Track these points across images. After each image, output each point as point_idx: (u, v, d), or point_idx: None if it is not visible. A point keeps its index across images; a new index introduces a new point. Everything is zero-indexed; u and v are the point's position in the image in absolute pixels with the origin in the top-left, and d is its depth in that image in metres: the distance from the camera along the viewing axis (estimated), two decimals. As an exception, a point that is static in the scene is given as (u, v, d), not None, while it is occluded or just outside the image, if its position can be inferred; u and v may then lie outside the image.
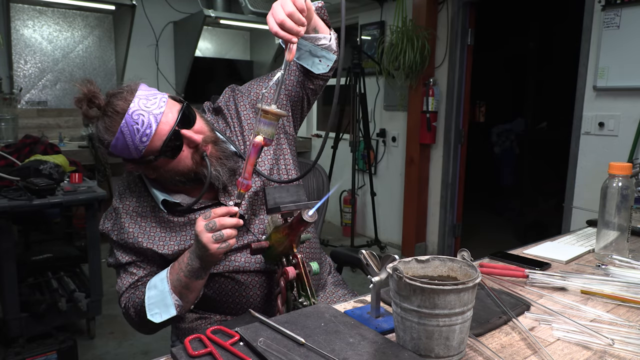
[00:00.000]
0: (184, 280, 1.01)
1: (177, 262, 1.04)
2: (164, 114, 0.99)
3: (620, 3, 2.48)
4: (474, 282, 0.66)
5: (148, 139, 0.98)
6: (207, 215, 0.94)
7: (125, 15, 4.08)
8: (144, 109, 0.98)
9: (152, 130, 0.98)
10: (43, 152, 2.61)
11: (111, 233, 1.11)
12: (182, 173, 1.05)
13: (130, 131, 0.97)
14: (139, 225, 1.09)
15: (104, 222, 1.14)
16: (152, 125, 0.98)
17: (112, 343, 2.47)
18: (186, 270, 1.00)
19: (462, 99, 3.62)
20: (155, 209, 1.10)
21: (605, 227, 1.15)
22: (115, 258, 1.12)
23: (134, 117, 0.97)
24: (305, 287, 0.95)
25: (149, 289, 1.06)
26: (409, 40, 3.43)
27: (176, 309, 1.03)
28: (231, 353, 0.68)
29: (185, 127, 1.02)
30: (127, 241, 1.08)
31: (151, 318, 1.03)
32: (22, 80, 4.06)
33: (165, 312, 1.03)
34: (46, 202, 2.12)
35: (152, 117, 0.98)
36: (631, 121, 2.52)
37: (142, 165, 1.04)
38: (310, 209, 0.89)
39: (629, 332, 0.78)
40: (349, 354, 0.66)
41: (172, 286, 1.03)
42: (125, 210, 1.11)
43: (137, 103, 0.98)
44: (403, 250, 3.94)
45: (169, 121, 1.00)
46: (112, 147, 1.00)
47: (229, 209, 0.95)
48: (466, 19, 3.50)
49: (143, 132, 0.97)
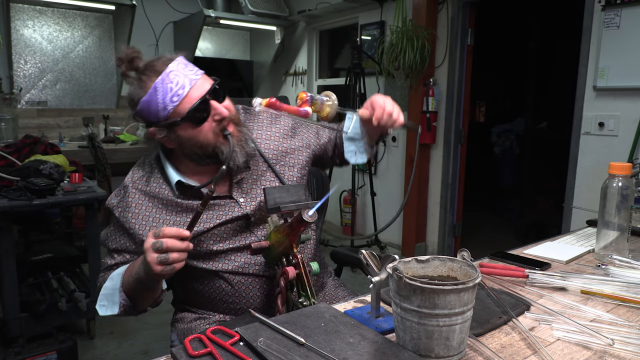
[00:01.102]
0: (132, 285, 1.00)
1: (133, 264, 1.02)
2: (198, 82, 1.03)
3: (620, 3, 2.48)
4: (474, 282, 0.66)
5: (179, 100, 1.01)
6: (157, 233, 0.89)
7: (125, 15, 4.08)
8: (181, 72, 1.02)
9: (184, 91, 1.01)
10: (43, 152, 2.61)
11: (115, 209, 1.12)
12: (201, 145, 1.06)
13: (164, 89, 1.00)
14: (146, 206, 1.10)
15: (111, 198, 1.15)
16: (186, 87, 1.01)
17: (112, 343, 2.47)
18: (135, 277, 0.98)
19: (462, 99, 3.62)
20: (166, 192, 1.10)
21: (605, 227, 1.15)
22: (107, 236, 1.14)
23: (170, 77, 1.01)
24: (305, 287, 0.95)
25: (109, 279, 1.07)
26: (409, 40, 3.43)
27: (120, 308, 1.04)
28: (231, 353, 0.68)
29: (215, 99, 1.05)
30: (129, 220, 1.08)
31: (98, 308, 1.06)
32: (22, 80, 4.07)
33: (109, 308, 1.05)
34: (46, 202, 2.12)
35: (186, 80, 1.02)
36: (631, 121, 2.52)
37: (164, 129, 1.05)
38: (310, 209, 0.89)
39: (629, 332, 0.78)
40: (349, 354, 0.66)
41: (123, 285, 1.03)
42: (135, 188, 1.12)
43: (175, 65, 1.02)
44: (403, 250, 3.94)
45: (201, 88, 1.03)
46: (142, 103, 1.02)
47: (179, 231, 0.89)
48: (466, 19, 3.50)
49: (175, 92, 1.01)
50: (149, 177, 1.13)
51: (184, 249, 0.90)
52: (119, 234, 1.12)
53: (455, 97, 3.60)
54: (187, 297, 1.20)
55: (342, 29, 4.61)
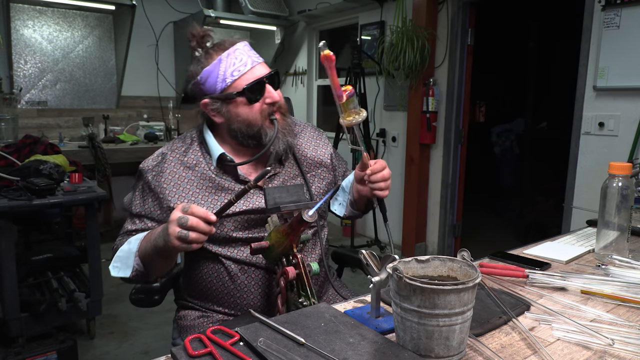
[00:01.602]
0: (149, 251, 1.02)
1: (152, 232, 1.04)
2: (259, 65, 1.13)
3: (620, 3, 2.48)
4: (474, 282, 0.66)
5: (239, 75, 1.09)
6: (186, 208, 0.90)
7: (125, 15, 4.08)
8: (245, 52, 1.12)
9: (245, 68, 1.10)
10: (43, 152, 2.61)
11: (149, 173, 1.15)
12: (248, 123, 1.12)
13: (227, 62, 1.09)
14: (179, 175, 1.13)
15: (146, 161, 1.18)
16: (247, 65, 1.10)
17: (112, 343, 2.47)
18: (152, 244, 1.00)
19: (462, 99, 3.62)
20: (202, 165, 1.15)
21: (605, 227, 1.15)
22: (131, 201, 1.17)
23: (236, 53, 1.10)
24: (305, 287, 0.95)
25: (127, 242, 1.09)
26: (409, 40, 3.43)
27: (132, 272, 1.06)
28: (231, 353, 0.68)
29: (270, 84, 1.13)
30: (161, 185, 1.12)
31: (110, 268, 1.09)
32: (22, 80, 4.07)
33: (122, 271, 1.07)
34: (46, 202, 2.12)
35: (249, 60, 1.11)
36: (631, 121, 2.52)
37: (218, 101, 1.11)
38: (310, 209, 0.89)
39: (629, 332, 0.78)
40: (349, 354, 0.66)
41: (139, 250, 1.05)
42: (172, 156, 1.16)
43: (242, 46, 1.12)
44: (403, 250, 3.94)
45: (260, 71, 1.12)
46: (204, 72, 1.10)
47: (207, 214, 0.91)
48: (466, 19, 3.50)
49: (237, 67, 1.09)
50: (188, 150, 1.18)
51: (207, 232, 0.91)
52: (145, 198, 1.15)
53: (455, 97, 3.60)
54: (190, 286, 1.22)
55: (342, 29, 4.61)
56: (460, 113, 3.65)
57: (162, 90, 4.75)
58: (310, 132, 1.33)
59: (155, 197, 1.13)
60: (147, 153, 3.99)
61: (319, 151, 1.29)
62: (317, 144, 1.31)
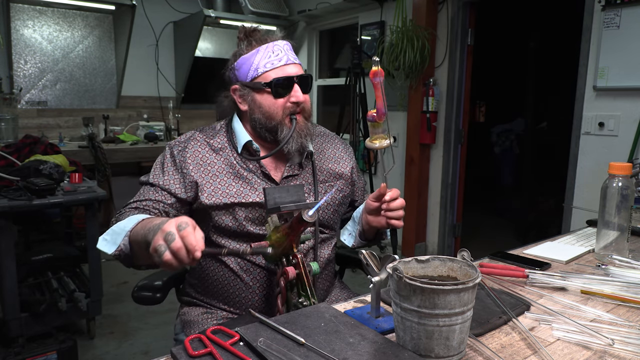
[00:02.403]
0: (139, 239, 0.96)
1: (152, 220, 0.98)
2: (294, 64, 1.17)
3: (620, 3, 2.48)
4: (474, 282, 0.66)
5: (271, 67, 1.13)
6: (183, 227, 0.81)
7: (125, 15, 4.08)
8: (285, 49, 1.16)
9: (279, 63, 1.14)
10: (43, 152, 2.61)
11: (175, 148, 1.18)
12: (269, 116, 1.15)
13: (264, 53, 1.14)
14: (203, 154, 1.17)
15: (174, 140, 1.22)
16: (282, 60, 1.14)
17: (112, 343, 2.47)
18: (144, 233, 0.93)
19: (462, 99, 3.62)
20: (227, 151, 1.18)
21: (605, 227, 1.15)
22: (148, 176, 1.18)
23: (275, 48, 1.15)
24: (305, 287, 0.95)
25: (127, 219, 1.06)
26: (409, 40, 3.43)
27: (116, 250, 1.02)
28: (231, 353, 0.68)
29: (300, 85, 1.16)
30: (185, 160, 1.15)
31: (99, 239, 1.07)
32: (22, 80, 4.06)
33: (109, 246, 1.05)
34: (46, 202, 2.12)
35: (285, 57, 1.15)
36: (631, 121, 2.52)
37: (246, 88, 1.16)
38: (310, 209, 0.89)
39: (629, 332, 0.78)
40: (349, 354, 0.66)
41: (132, 231, 1.00)
42: (200, 137, 1.20)
43: (283, 44, 1.17)
44: (403, 250, 3.94)
45: (293, 69, 1.16)
46: (242, 59, 1.16)
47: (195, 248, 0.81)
48: (466, 19, 3.50)
49: (271, 60, 1.14)
50: (215, 135, 1.22)
51: (184, 262, 0.82)
52: (166, 170, 1.16)
53: (455, 97, 3.60)
54: (196, 282, 1.23)
55: (342, 29, 4.61)
56: (460, 113, 3.65)
57: (162, 90, 4.75)
58: (337, 144, 1.35)
59: (177, 169, 1.15)
60: (147, 153, 4.04)
61: (342, 164, 1.31)
62: (340, 156, 1.32)
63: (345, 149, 1.36)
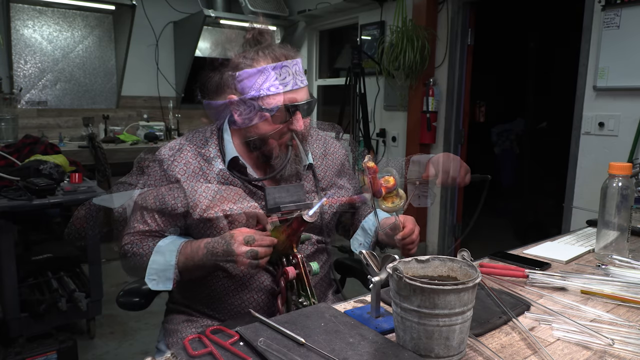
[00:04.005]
0: (190, 267, 1.05)
1: (192, 246, 1.05)
2: (301, 89, 1.09)
3: (620, 3, 2.48)
4: (474, 282, 0.66)
5: (274, 92, 1.05)
6: (250, 240, 0.95)
7: (125, 15, 4.08)
8: (295, 72, 1.08)
9: (284, 88, 1.06)
10: (43, 152, 2.61)
11: (165, 162, 1.13)
12: (262, 139, 1.09)
13: (270, 75, 1.05)
14: (194, 166, 1.12)
15: (163, 149, 1.16)
16: (288, 85, 1.06)
17: (112, 343, 2.46)
18: (198, 263, 1.03)
19: (462, 99, 3.62)
20: (217, 161, 1.13)
21: (605, 227, 1.15)
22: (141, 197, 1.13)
23: (282, 70, 1.06)
24: (305, 287, 0.95)
25: (155, 252, 1.07)
26: (409, 40, 3.43)
27: (173, 284, 1.07)
28: (231, 353, 0.68)
29: (302, 112, 1.09)
30: (175, 176, 1.10)
31: (148, 282, 1.08)
32: (22, 80, 4.06)
33: (162, 284, 1.07)
34: (46, 202, 2.12)
35: (292, 81, 1.07)
36: (631, 121, 2.52)
37: (244, 103, 1.07)
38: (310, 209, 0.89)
39: (629, 332, 0.78)
40: (349, 354, 0.66)
41: (179, 264, 1.06)
42: (190, 147, 1.14)
43: (292, 65, 1.08)
44: (403, 251, 3.94)
45: (298, 96, 1.08)
46: (244, 73, 1.06)
47: (272, 241, 0.96)
48: (466, 19, 3.50)
49: (276, 84, 1.05)
50: (207, 142, 1.16)
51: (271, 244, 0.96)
52: (158, 188, 1.12)
53: (455, 97, 3.60)
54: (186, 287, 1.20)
55: (342, 29, 4.61)
56: (460, 113, 3.65)
57: (162, 90, 4.75)
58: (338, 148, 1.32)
59: (169, 185, 1.11)
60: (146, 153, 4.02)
61: (342, 171, 1.30)
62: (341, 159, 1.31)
63: (344, 150, 1.34)
